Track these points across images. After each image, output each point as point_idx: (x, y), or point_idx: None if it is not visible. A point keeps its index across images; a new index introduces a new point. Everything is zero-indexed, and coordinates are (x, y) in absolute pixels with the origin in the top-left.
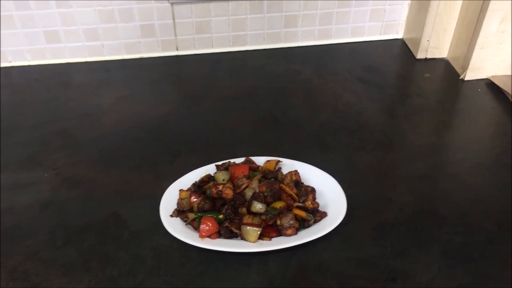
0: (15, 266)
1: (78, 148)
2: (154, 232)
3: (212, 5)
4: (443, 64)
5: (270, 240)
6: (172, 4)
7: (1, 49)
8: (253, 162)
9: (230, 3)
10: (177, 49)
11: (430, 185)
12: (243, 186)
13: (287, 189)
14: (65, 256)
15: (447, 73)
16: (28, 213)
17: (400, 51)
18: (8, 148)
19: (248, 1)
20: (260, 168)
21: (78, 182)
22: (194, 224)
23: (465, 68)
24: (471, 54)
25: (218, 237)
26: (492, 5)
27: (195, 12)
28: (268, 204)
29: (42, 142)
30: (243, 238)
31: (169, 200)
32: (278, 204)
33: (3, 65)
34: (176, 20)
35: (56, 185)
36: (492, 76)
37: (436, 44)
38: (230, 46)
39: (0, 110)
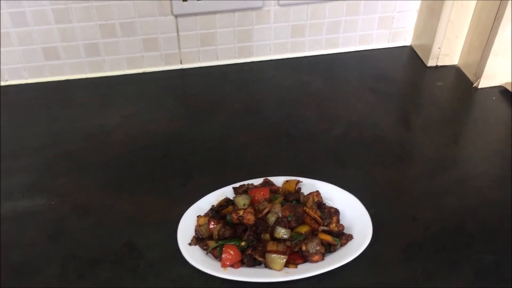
0: None
1: (85, 172)
2: (172, 262)
3: (217, 16)
4: (454, 71)
5: (296, 267)
6: (176, 16)
7: None
8: (272, 184)
9: (236, 13)
10: (181, 63)
11: (454, 201)
12: (265, 211)
13: (311, 212)
14: None
15: (459, 80)
16: (37, 246)
17: (409, 59)
18: (10, 175)
19: (254, 11)
20: (280, 189)
21: (87, 210)
22: (215, 253)
23: (478, 75)
24: (485, 61)
25: (241, 266)
26: (507, 12)
27: (200, 24)
28: (292, 229)
29: (46, 166)
30: (267, 266)
31: (186, 227)
32: (303, 229)
33: None
34: (180, 33)
35: (65, 213)
36: (506, 83)
37: (447, 51)
38: (235, 57)
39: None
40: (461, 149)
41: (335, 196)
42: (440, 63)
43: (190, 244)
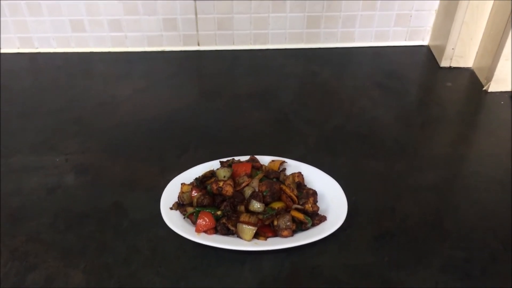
0: (17, 246)
1: (90, 136)
2: (153, 224)
3: (234, 2)
4: (468, 74)
5: (266, 240)
6: None
7: (29, 35)
8: (257, 161)
9: (253, 1)
10: (199, 44)
11: (437, 197)
12: (244, 184)
13: (287, 190)
14: (65, 240)
15: (470, 83)
16: (35, 196)
17: (424, 58)
18: (24, 132)
19: (271, 0)
20: (263, 167)
21: (86, 169)
22: (192, 218)
23: (489, 79)
24: (496, 65)
25: (215, 233)
26: None
27: (218, 8)
28: (267, 204)
29: (57, 128)
30: (238, 236)
31: (171, 193)
32: (277, 205)
33: (29, 50)
34: (198, 16)
35: (65, 171)
36: None
37: (462, 53)
38: (251, 44)
39: (22, 94)
40: (457, 150)
41: (318, 179)
42: (454, 65)
43: (171, 208)
